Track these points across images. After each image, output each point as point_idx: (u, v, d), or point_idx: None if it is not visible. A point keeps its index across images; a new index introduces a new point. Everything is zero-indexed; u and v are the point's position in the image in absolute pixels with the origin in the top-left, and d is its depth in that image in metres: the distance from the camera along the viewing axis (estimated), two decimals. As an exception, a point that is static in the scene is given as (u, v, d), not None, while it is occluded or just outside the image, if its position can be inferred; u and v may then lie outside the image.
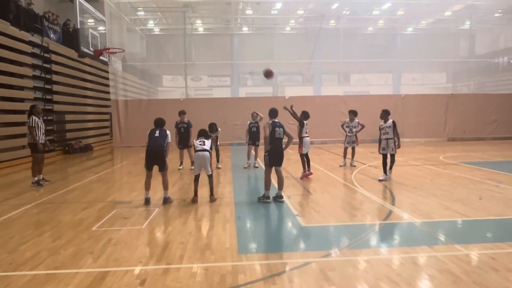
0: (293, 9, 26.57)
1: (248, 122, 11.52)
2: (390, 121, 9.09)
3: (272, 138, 6.98)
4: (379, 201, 7.18)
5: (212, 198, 7.34)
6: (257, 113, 11.43)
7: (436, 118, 20.55)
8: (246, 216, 6.37)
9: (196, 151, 7.20)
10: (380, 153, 9.25)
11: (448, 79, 27.82)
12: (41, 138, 9.09)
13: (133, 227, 5.71)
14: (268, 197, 7.11)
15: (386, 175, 9.11)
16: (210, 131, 9.46)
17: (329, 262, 4.33)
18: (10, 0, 14.02)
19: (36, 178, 9.15)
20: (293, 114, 9.56)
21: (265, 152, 7.09)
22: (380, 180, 9.02)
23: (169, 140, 7.15)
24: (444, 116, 20.72)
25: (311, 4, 25.29)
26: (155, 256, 4.57)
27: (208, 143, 7.23)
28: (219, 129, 10.97)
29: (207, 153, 7.13)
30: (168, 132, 7.20)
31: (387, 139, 9.11)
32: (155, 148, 7.01)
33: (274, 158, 7.08)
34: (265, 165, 7.18)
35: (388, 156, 9.16)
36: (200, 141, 7.22)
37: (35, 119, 8.97)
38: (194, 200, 7.24)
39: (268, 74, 7.93)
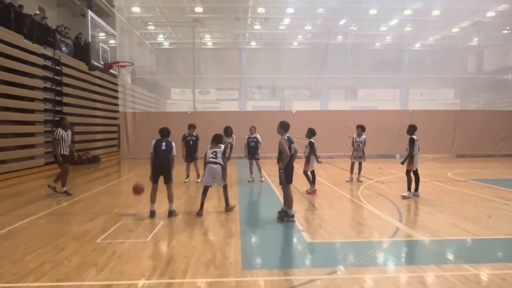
0: (300, 25, 26.88)
1: (247, 137, 11.53)
2: (409, 138, 8.92)
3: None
4: (385, 217, 7.08)
5: (228, 208, 7.38)
6: (255, 129, 11.46)
7: (444, 134, 20.38)
8: (251, 231, 6.33)
9: (208, 162, 7.20)
10: None
11: (456, 95, 27.70)
12: (65, 150, 9.27)
13: (137, 240, 5.70)
14: (292, 216, 6.78)
15: (410, 191, 8.91)
16: (225, 135, 9.40)
17: (334, 280, 4.27)
18: (25, 14, 14.41)
19: (64, 188, 9.28)
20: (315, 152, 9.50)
21: (280, 170, 6.78)
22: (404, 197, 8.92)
23: (174, 153, 7.16)
24: (452, 132, 20.55)
25: (319, 20, 25.59)
26: (159, 270, 4.54)
27: (220, 155, 7.22)
28: (234, 136, 10.92)
29: (219, 166, 7.16)
30: (173, 144, 7.20)
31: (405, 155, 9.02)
32: (162, 161, 7.03)
33: (291, 175, 6.83)
34: (282, 183, 6.85)
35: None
36: (212, 152, 7.23)
37: (60, 132, 9.18)
38: (200, 213, 7.21)
39: (137, 190, 7.16)
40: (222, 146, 7.40)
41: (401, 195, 8.92)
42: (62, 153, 9.18)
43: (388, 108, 22.61)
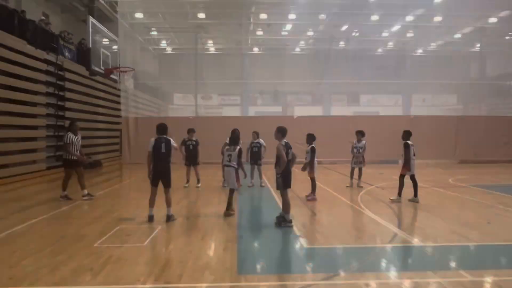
0: (303, 31, 27.05)
1: (250, 142, 11.53)
2: (403, 143, 8.99)
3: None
4: (384, 223, 7.05)
5: (227, 212, 7.45)
6: (258, 134, 11.45)
7: (446, 140, 20.30)
8: (249, 236, 6.32)
9: (224, 165, 7.54)
10: None
11: (459, 100, 27.70)
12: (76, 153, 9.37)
13: (134, 244, 5.70)
14: (290, 221, 6.72)
15: (400, 196, 8.95)
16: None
17: (330, 286, 4.25)
18: (28, 20, 14.57)
19: (65, 192, 9.32)
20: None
21: (277, 175, 6.76)
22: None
23: (176, 147, 7.32)
24: (454, 138, 20.47)
25: (321, 26, 25.76)
26: (154, 274, 4.54)
27: (234, 158, 7.42)
28: (241, 141, 10.96)
29: (232, 168, 7.42)
30: (172, 142, 7.18)
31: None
32: (162, 163, 7.06)
33: (288, 180, 6.80)
34: (280, 188, 6.82)
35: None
36: (228, 155, 7.48)
37: (70, 136, 9.23)
38: (227, 214, 7.42)
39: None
40: (238, 147, 7.56)
41: (390, 199, 8.98)
42: (72, 158, 9.24)
43: (391, 114, 22.58)
